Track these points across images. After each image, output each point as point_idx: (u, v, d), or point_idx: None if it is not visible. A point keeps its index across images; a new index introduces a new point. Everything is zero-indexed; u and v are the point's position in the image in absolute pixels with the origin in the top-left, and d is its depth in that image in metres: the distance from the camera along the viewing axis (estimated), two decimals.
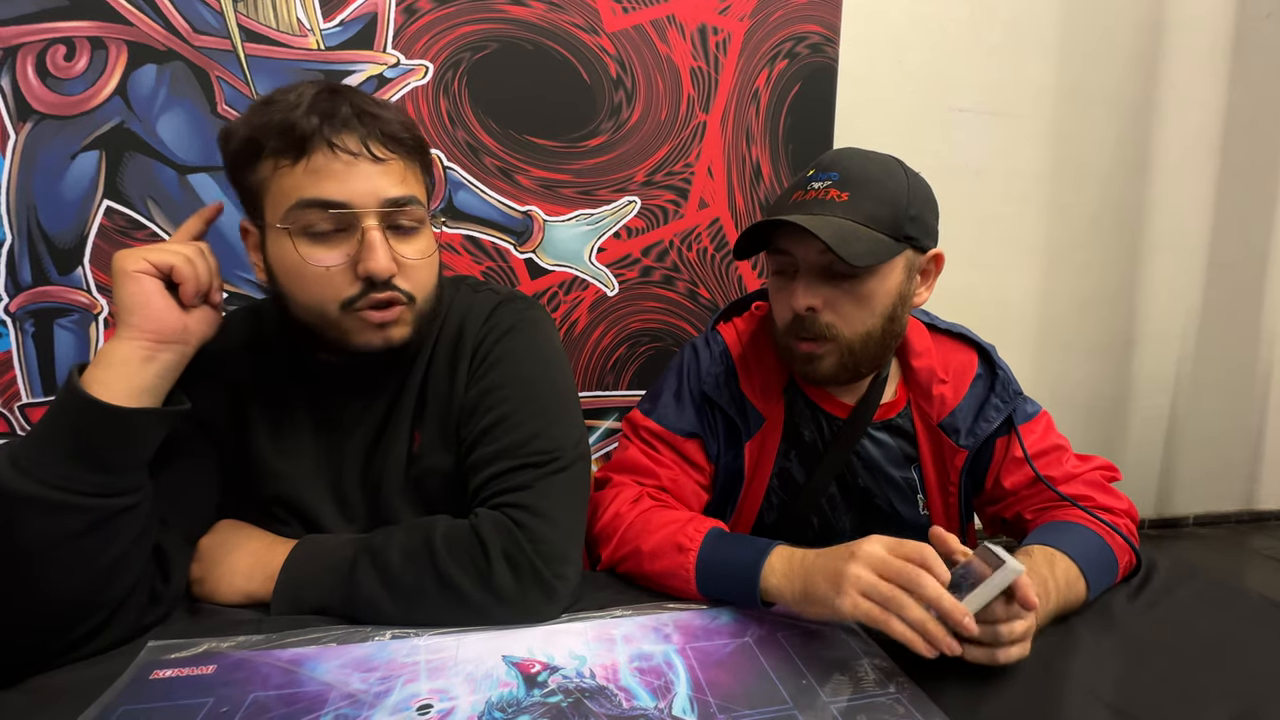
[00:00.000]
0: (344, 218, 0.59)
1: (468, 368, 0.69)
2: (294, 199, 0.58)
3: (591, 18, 1.13)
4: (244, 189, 0.62)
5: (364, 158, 0.59)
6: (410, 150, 0.63)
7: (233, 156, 0.61)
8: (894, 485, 0.81)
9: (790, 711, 0.48)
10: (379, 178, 0.60)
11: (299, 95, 0.59)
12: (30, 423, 1.02)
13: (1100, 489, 0.75)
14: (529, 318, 0.72)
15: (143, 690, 0.49)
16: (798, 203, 0.71)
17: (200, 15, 1.00)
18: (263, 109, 0.59)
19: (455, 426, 0.68)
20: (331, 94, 0.60)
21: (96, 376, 0.54)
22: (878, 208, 0.69)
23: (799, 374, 0.78)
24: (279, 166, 0.58)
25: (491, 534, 0.59)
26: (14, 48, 0.95)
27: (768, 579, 0.59)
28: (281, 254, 0.60)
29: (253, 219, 0.63)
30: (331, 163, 0.58)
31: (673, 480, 0.77)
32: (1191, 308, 2.19)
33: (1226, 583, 0.69)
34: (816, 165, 0.73)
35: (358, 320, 0.61)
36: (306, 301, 0.61)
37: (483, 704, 0.48)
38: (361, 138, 0.59)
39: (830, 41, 1.24)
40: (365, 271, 0.59)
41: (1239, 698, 0.51)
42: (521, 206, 1.16)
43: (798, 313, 0.71)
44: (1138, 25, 1.97)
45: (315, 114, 0.58)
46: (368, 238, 0.59)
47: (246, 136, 0.59)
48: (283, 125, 0.57)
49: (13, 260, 0.99)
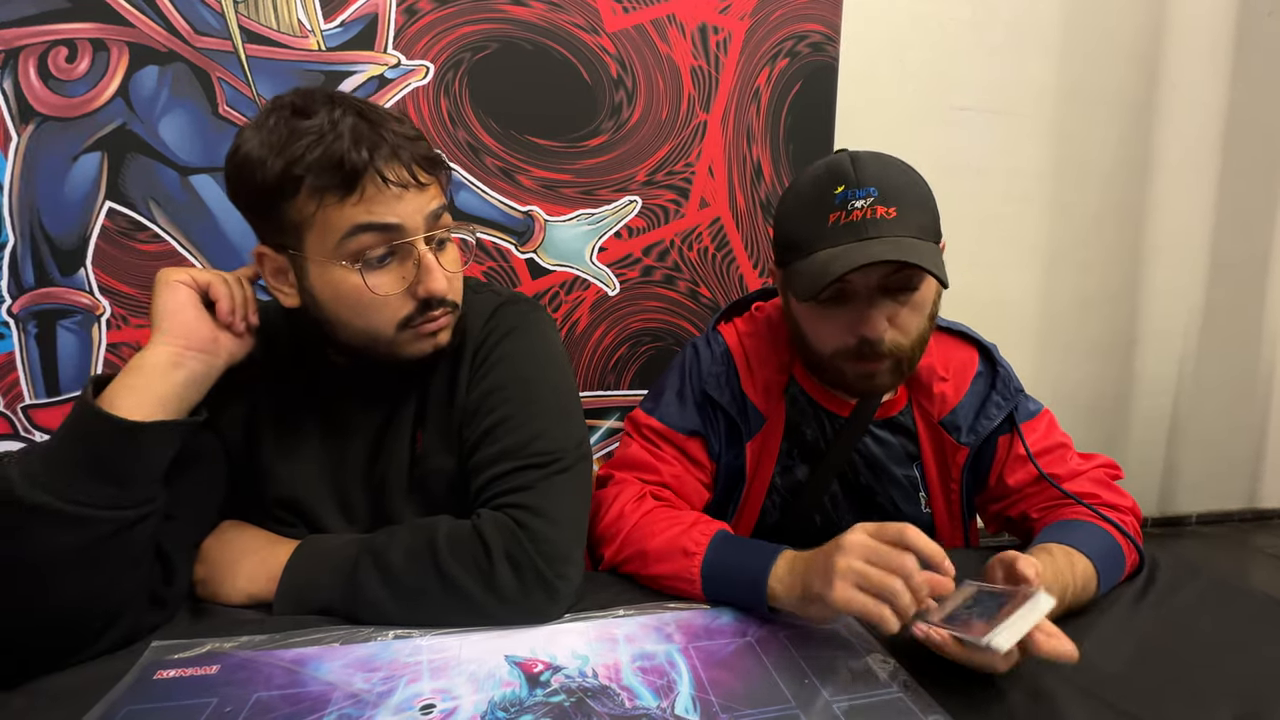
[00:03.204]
0: (397, 243, 0.60)
1: (469, 369, 0.69)
2: (345, 229, 0.58)
3: (592, 17, 1.13)
4: (273, 220, 0.60)
5: (412, 186, 0.60)
6: (440, 166, 0.64)
7: (259, 188, 0.58)
8: (896, 483, 0.81)
9: (793, 711, 0.48)
10: (421, 199, 0.61)
11: (333, 123, 0.57)
12: (33, 424, 1.02)
13: (1105, 487, 0.75)
14: (530, 319, 0.72)
15: (146, 690, 0.49)
16: (848, 226, 0.66)
17: (201, 16, 1.00)
18: (291, 138, 0.57)
19: (458, 428, 0.68)
20: (367, 122, 0.59)
21: (123, 383, 0.55)
22: (921, 216, 0.68)
23: (850, 389, 0.76)
24: (325, 202, 0.58)
25: (494, 534, 0.59)
26: (16, 50, 0.95)
27: (773, 587, 0.59)
28: (334, 284, 0.60)
29: (281, 248, 0.62)
30: (382, 192, 0.58)
31: (675, 477, 0.77)
32: (1194, 307, 2.19)
33: (1229, 581, 0.69)
34: (842, 180, 0.68)
35: (412, 334, 0.63)
36: (363, 326, 0.62)
37: (485, 704, 0.48)
38: (406, 165, 0.60)
39: (831, 40, 1.24)
40: (426, 293, 0.61)
41: (1242, 697, 0.51)
42: (522, 206, 1.16)
43: (867, 338, 0.68)
44: (1139, 24, 1.96)
45: (363, 147, 0.57)
46: (425, 261, 0.61)
47: (282, 170, 0.57)
48: (328, 160, 0.56)
49: (15, 262, 0.99)
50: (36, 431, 1.02)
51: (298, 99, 0.59)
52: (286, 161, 0.56)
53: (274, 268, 0.63)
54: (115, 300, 1.03)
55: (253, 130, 0.59)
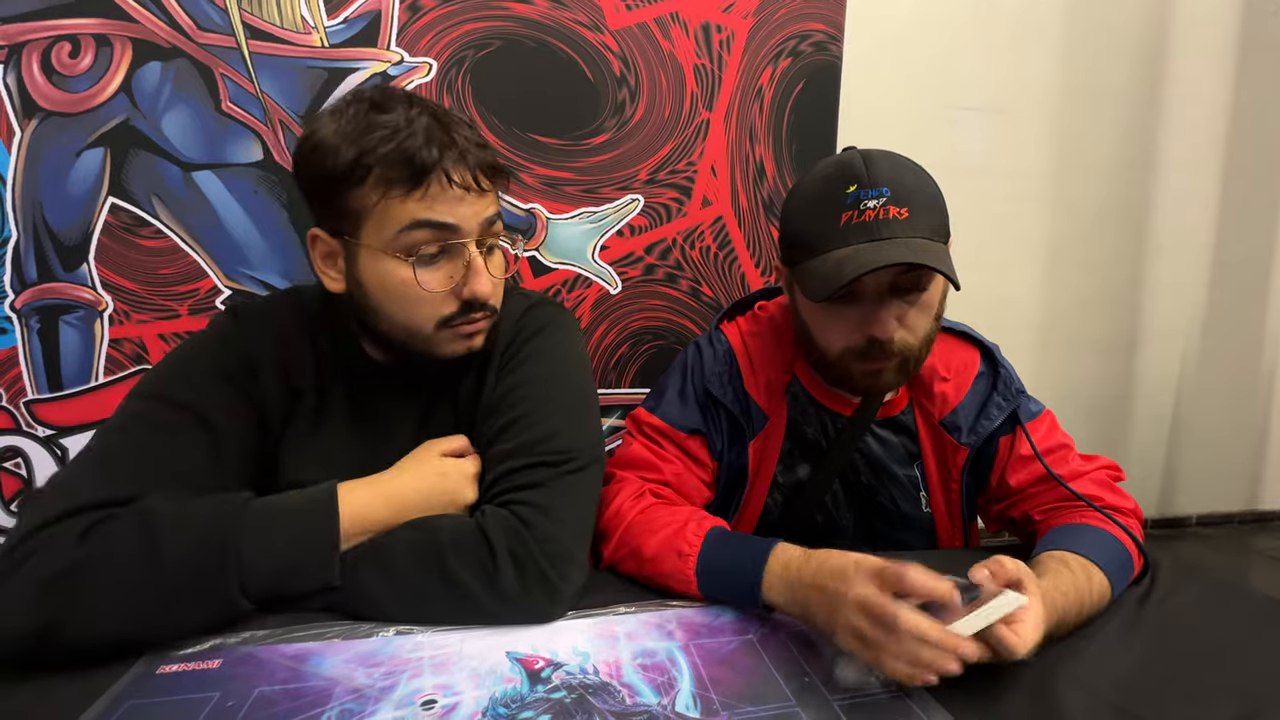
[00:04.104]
0: (451, 243, 0.61)
1: (497, 368, 0.71)
2: (405, 222, 0.60)
3: (595, 15, 1.13)
4: (335, 206, 0.62)
5: (473, 190, 0.62)
6: (502, 175, 0.65)
7: (328, 173, 0.60)
8: (897, 482, 0.81)
9: (793, 709, 0.48)
10: (480, 204, 0.63)
11: (409, 120, 0.60)
12: (36, 419, 1.02)
13: (1108, 488, 0.75)
14: (557, 320, 0.74)
15: (148, 684, 0.49)
16: (860, 226, 0.66)
17: (204, 12, 1.00)
18: (366, 130, 0.59)
19: (481, 424, 0.69)
20: (440, 124, 0.61)
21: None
22: (932, 216, 0.68)
23: (856, 388, 0.76)
24: (390, 194, 0.59)
25: (499, 534, 0.58)
26: (19, 45, 0.95)
27: (769, 594, 0.58)
28: (383, 274, 0.62)
29: (336, 233, 0.63)
30: (445, 192, 0.60)
31: (676, 475, 0.77)
32: (1196, 306, 2.19)
33: (1229, 583, 0.69)
34: (854, 180, 0.67)
35: (451, 334, 0.65)
36: (404, 320, 0.64)
37: (486, 699, 0.48)
38: (471, 170, 0.61)
39: (834, 39, 1.24)
40: (471, 294, 0.63)
41: (1242, 698, 0.51)
42: (525, 204, 1.16)
43: (878, 338, 0.68)
44: (1143, 22, 1.96)
45: (435, 146, 0.59)
46: (474, 263, 0.63)
47: (354, 159, 0.58)
48: (401, 155, 0.58)
49: (18, 257, 0.99)
50: (39, 426, 1.03)
51: (377, 95, 0.62)
52: (359, 151, 0.59)
53: (325, 251, 0.65)
54: (118, 296, 1.03)
55: (330, 118, 0.61)
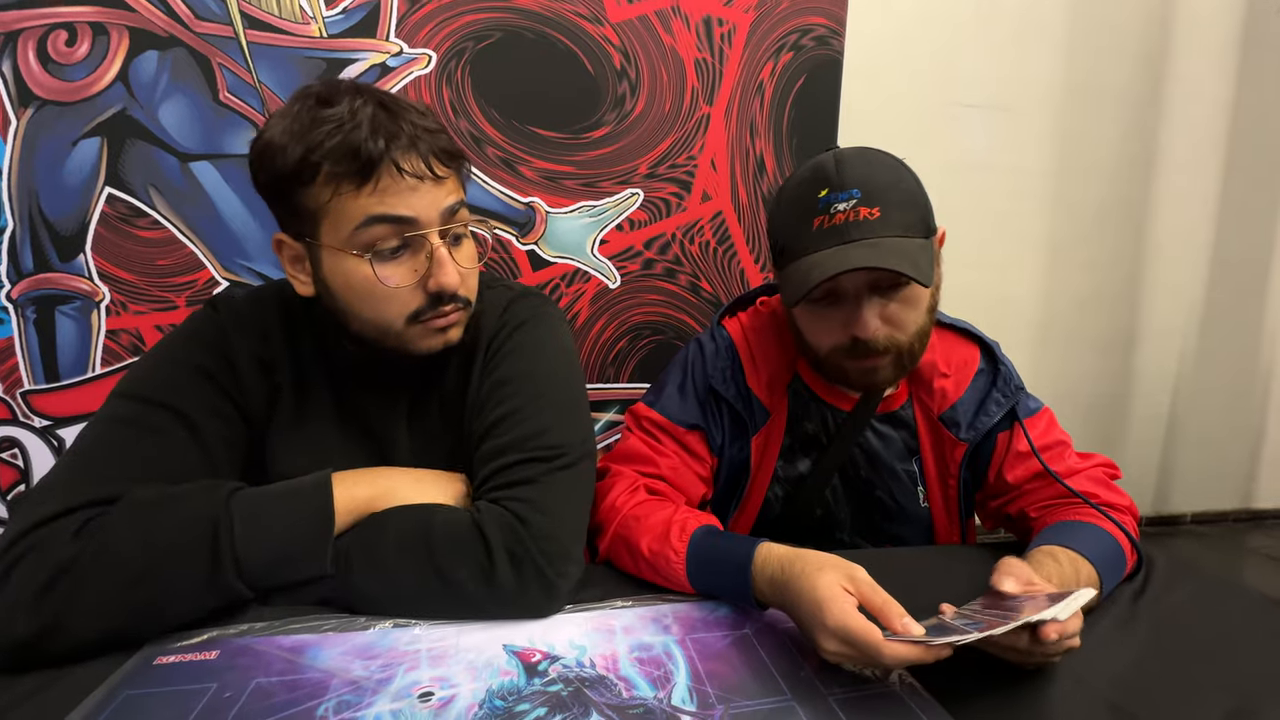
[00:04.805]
0: (410, 236, 0.60)
1: (482, 363, 0.70)
2: (359, 219, 0.58)
3: (595, 8, 1.13)
4: (291, 207, 0.60)
5: (428, 179, 0.60)
6: (458, 160, 0.64)
7: (279, 174, 0.58)
8: (895, 477, 0.81)
9: (789, 703, 0.48)
10: (438, 192, 0.61)
11: (353, 112, 0.57)
12: (32, 410, 1.02)
13: (1104, 486, 0.75)
14: (542, 312, 0.73)
15: (146, 675, 0.49)
16: (831, 230, 0.67)
17: (202, 1, 0.99)
18: (312, 125, 0.57)
19: (470, 420, 0.68)
20: (386, 112, 0.59)
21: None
22: (906, 213, 0.68)
23: (853, 385, 0.77)
24: (341, 190, 0.58)
25: (495, 530, 0.58)
26: (15, 32, 0.94)
27: (759, 597, 0.58)
28: (345, 273, 0.60)
29: (298, 236, 0.62)
30: (397, 183, 0.58)
31: (673, 469, 0.77)
32: (1195, 305, 2.19)
33: (1224, 581, 0.70)
34: (825, 184, 0.68)
35: (421, 329, 0.63)
36: (372, 317, 0.62)
37: (483, 692, 0.48)
38: (423, 157, 0.59)
39: (836, 34, 1.24)
40: (437, 287, 0.61)
41: (1235, 695, 0.51)
42: (524, 198, 1.16)
43: (860, 338, 0.69)
44: (1145, 21, 1.95)
45: (380, 137, 0.57)
46: (437, 255, 0.61)
47: (301, 157, 0.57)
48: (345, 149, 0.56)
49: (14, 247, 0.99)
50: (36, 417, 1.02)
51: (323, 89, 0.60)
52: (306, 148, 0.57)
53: (291, 255, 0.64)
54: (114, 286, 1.03)
55: (278, 118, 0.59)
